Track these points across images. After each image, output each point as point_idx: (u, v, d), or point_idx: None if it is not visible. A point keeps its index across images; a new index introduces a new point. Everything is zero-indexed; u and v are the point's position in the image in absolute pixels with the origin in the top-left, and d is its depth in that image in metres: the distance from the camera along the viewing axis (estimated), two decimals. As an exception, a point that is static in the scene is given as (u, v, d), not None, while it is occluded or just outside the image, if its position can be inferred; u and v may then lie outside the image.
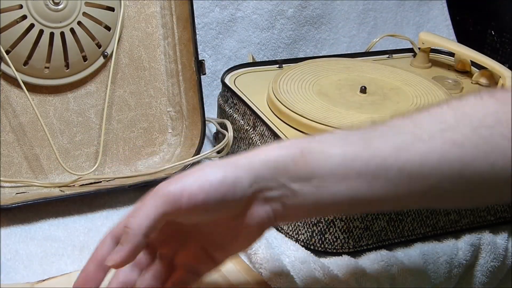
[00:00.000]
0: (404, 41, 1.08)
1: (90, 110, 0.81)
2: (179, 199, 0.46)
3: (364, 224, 0.71)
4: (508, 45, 1.17)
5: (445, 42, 0.98)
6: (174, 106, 0.85)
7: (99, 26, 0.79)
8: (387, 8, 1.18)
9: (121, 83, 0.82)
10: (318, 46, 1.12)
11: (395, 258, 0.71)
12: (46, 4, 0.74)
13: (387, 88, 0.85)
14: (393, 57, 1.01)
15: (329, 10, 1.11)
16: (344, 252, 0.71)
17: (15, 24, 0.74)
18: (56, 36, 0.75)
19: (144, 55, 0.84)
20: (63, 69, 0.78)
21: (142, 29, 0.83)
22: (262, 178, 0.48)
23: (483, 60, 0.92)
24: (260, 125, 0.78)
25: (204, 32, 1.01)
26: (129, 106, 0.83)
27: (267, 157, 0.49)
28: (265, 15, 1.05)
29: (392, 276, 0.70)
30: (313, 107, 0.79)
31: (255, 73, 0.91)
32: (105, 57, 0.80)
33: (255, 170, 0.48)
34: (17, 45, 0.74)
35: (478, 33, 1.23)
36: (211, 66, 1.02)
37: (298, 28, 1.09)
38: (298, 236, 0.71)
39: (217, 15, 1.02)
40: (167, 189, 0.46)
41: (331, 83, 0.85)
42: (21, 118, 0.77)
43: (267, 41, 1.07)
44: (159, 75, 0.85)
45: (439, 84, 0.88)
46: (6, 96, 0.76)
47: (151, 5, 0.83)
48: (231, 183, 0.47)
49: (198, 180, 0.47)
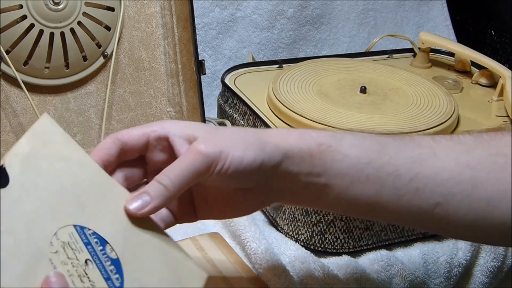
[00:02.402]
0: (404, 41, 1.08)
1: (90, 110, 0.81)
2: (215, 163, 0.47)
3: (364, 224, 0.71)
4: (508, 45, 1.17)
5: (445, 42, 0.98)
6: (174, 106, 0.85)
7: (99, 26, 0.79)
8: (387, 8, 1.18)
9: (121, 83, 0.82)
10: (318, 46, 1.12)
11: (395, 258, 0.71)
12: (46, 4, 0.74)
13: (387, 88, 0.85)
14: (393, 57, 1.01)
15: (329, 10, 1.11)
16: (344, 252, 0.71)
17: (15, 24, 0.74)
18: (56, 36, 0.75)
19: (144, 55, 0.84)
20: (63, 69, 0.78)
21: (142, 29, 0.83)
22: (279, 165, 0.49)
23: (483, 60, 0.92)
24: (260, 125, 0.78)
25: (204, 32, 1.01)
26: (129, 106, 0.83)
27: (290, 146, 0.49)
28: (265, 15, 1.05)
29: (392, 276, 0.70)
30: (313, 107, 0.79)
31: (255, 73, 0.91)
32: (105, 57, 0.80)
33: (279, 155, 0.49)
34: (17, 45, 0.74)
35: (478, 33, 1.23)
36: (211, 66, 1.02)
37: (298, 28, 1.09)
38: (298, 236, 0.71)
39: (217, 15, 1.02)
40: (206, 151, 0.47)
41: (331, 83, 0.85)
42: (21, 118, 0.77)
43: (267, 41, 1.07)
44: (159, 75, 0.85)
45: (439, 84, 0.88)
46: (6, 96, 0.76)
47: (151, 5, 0.83)
48: (256, 167, 0.48)
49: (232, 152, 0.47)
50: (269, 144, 0.49)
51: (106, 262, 0.44)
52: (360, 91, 0.83)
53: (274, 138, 0.50)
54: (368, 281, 0.68)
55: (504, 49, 1.18)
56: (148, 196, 0.46)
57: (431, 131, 0.76)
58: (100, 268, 0.44)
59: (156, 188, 0.46)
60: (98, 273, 0.43)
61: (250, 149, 0.48)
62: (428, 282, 0.73)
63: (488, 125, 0.82)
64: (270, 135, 0.50)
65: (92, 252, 0.44)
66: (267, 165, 0.48)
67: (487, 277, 0.77)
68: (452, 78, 0.94)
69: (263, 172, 0.48)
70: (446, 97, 0.84)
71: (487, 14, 1.21)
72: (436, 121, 0.78)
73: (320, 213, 0.70)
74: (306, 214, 0.70)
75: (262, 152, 0.48)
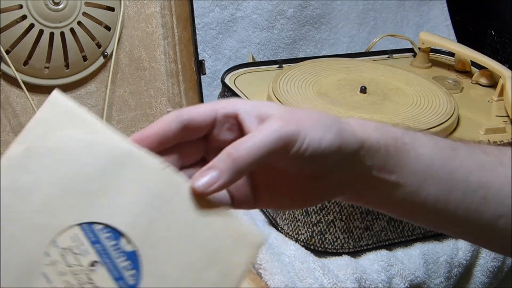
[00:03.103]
0: (404, 41, 1.08)
1: (90, 110, 0.80)
2: (292, 143, 0.43)
3: (364, 224, 0.71)
4: (508, 45, 1.17)
5: (445, 42, 0.98)
6: (174, 106, 0.85)
7: (99, 26, 0.79)
8: (387, 8, 1.18)
9: (121, 83, 0.82)
10: (318, 46, 1.12)
11: (395, 258, 0.71)
12: (46, 4, 0.74)
13: (387, 88, 0.85)
14: (393, 57, 1.01)
15: (329, 10, 1.11)
16: (344, 252, 0.71)
17: (15, 24, 0.74)
18: (56, 36, 0.75)
19: (144, 55, 0.84)
20: (63, 69, 0.78)
21: (142, 29, 0.83)
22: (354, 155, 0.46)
23: (483, 60, 0.92)
24: (260, 125, 0.78)
25: (204, 32, 1.01)
26: (129, 106, 0.83)
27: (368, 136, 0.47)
28: (265, 15, 1.05)
29: (392, 276, 0.70)
30: (313, 107, 0.79)
31: (255, 73, 0.91)
32: (105, 57, 0.80)
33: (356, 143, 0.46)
34: (17, 45, 0.74)
35: (478, 33, 1.23)
36: (211, 66, 1.02)
37: (298, 28, 1.09)
38: (298, 236, 0.71)
39: (217, 15, 1.02)
40: (284, 129, 0.43)
41: (331, 83, 0.85)
42: (21, 118, 0.77)
43: (267, 41, 1.07)
44: (159, 75, 0.85)
45: (439, 84, 0.88)
46: (6, 96, 0.76)
47: (151, 5, 0.83)
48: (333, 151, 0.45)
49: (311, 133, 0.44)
50: (347, 130, 0.46)
51: (118, 259, 0.40)
52: (360, 91, 0.83)
53: (351, 126, 0.47)
54: (368, 281, 0.68)
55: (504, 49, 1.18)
56: (216, 171, 0.41)
57: (431, 131, 0.76)
58: (110, 267, 0.40)
59: (226, 162, 0.41)
60: (107, 275, 0.40)
61: (329, 132, 0.44)
62: (428, 282, 0.73)
63: (488, 125, 0.82)
64: (348, 122, 0.47)
65: (100, 251, 0.40)
66: (343, 151, 0.45)
67: (487, 277, 0.77)
68: (452, 78, 0.94)
69: (338, 158, 0.45)
70: (446, 97, 0.84)
71: (487, 14, 1.21)
72: (436, 121, 0.78)
73: (320, 213, 0.70)
74: (306, 214, 0.70)
75: (339, 137, 0.45)
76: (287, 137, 0.43)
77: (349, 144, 0.46)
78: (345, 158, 0.46)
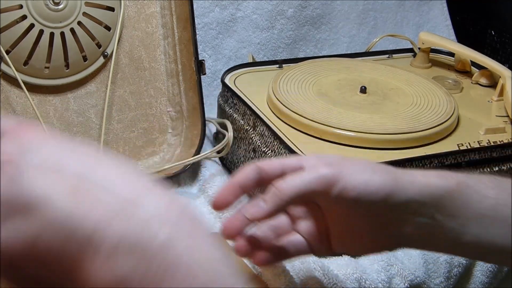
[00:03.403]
0: (404, 41, 1.08)
1: (90, 110, 0.81)
2: (333, 185, 0.47)
3: (364, 224, 0.71)
4: (508, 45, 1.17)
5: (445, 42, 0.98)
6: (174, 106, 0.85)
7: (99, 26, 0.79)
8: (387, 8, 1.18)
9: (121, 83, 0.82)
10: (318, 46, 1.12)
11: (395, 258, 0.71)
12: (46, 4, 0.74)
13: (387, 88, 0.85)
14: (393, 57, 1.01)
15: (329, 10, 1.11)
16: (344, 252, 0.71)
17: (15, 24, 0.74)
18: (56, 36, 0.75)
19: (144, 55, 0.84)
20: (63, 69, 0.78)
21: (142, 29, 0.83)
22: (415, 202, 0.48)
23: (483, 60, 0.92)
24: (260, 125, 0.78)
25: (204, 32, 1.01)
26: (129, 106, 0.83)
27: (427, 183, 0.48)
28: (265, 15, 1.05)
29: (392, 276, 0.70)
30: (313, 107, 0.79)
31: (255, 73, 0.91)
32: (105, 57, 0.80)
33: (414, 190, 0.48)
34: (17, 45, 0.74)
35: (478, 33, 1.23)
36: (211, 66, 1.02)
37: (298, 28, 1.09)
38: (298, 236, 0.71)
39: (217, 15, 1.02)
40: (325, 171, 0.48)
41: (331, 83, 0.85)
42: (21, 118, 0.77)
43: (267, 41, 1.07)
44: (159, 75, 0.85)
45: (439, 84, 0.88)
46: (6, 96, 0.76)
47: (151, 5, 0.83)
48: (385, 195, 0.47)
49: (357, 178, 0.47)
50: (403, 178, 0.48)
51: None
52: (360, 91, 0.83)
53: (409, 174, 0.49)
54: (368, 281, 0.68)
55: (504, 49, 1.18)
56: (263, 202, 0.48)
57: (431, 131, 0.76)
58: None
59: (271, 193, 0.48)
60: None
61: (377, 174, 0.47)
62: (428, 282, 0.73)
63: (488, 125, 0.82)
64: (404, 171, 0.49)
65: None
66: (399, 198, 0.47)
67: (487, 277, 0.77)
68: (452, 78, 0.94)
69: (395, 205, 0.47)
70: (446, 97, 0.84)
71: (487, 14, 1.21)
72: (436, 121, 0.78)
73: (320, 213, 0.70)
74: (306, 214, 0.70)
75: (393, 182, 0.47)
76: (325, 177, 0.47)
77: (407, 191, 0.47)
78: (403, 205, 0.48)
